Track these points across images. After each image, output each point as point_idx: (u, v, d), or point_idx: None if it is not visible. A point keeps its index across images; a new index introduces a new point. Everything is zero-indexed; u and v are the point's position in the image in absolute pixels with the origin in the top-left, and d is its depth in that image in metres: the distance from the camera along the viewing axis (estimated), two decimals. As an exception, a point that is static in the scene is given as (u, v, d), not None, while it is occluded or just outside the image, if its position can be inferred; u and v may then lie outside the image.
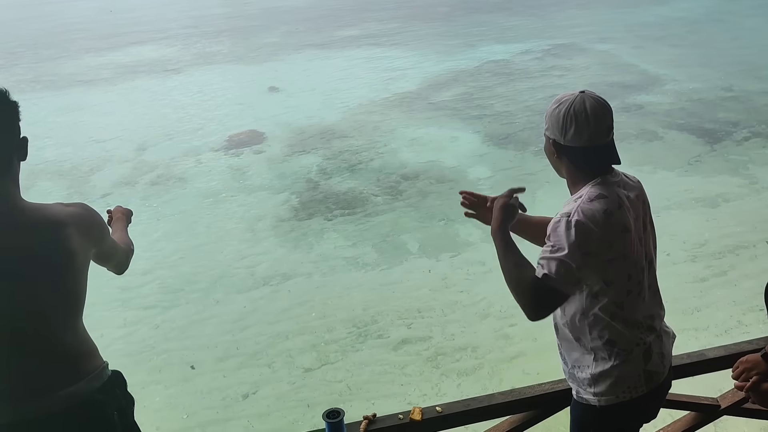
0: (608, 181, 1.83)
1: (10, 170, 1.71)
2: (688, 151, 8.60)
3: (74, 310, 1.76)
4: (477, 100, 11.32)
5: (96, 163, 9.67)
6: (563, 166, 1.88)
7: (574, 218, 1.74)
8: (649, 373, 1.89)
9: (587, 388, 1.89)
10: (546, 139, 1.90)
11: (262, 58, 15.91)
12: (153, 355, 5.34)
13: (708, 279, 5.77)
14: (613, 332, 1.85)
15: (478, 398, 1.69)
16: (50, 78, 15.31)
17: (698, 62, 12.51)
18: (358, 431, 1.98)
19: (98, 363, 1.81)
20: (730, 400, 2.29)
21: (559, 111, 1.82)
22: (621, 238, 1.80)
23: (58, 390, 1.69)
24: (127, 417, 1.85)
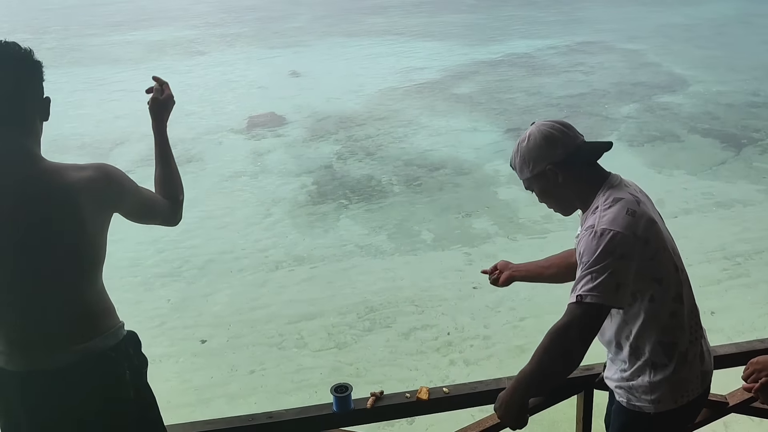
0: (614, 185, 1.82)
1: (33, 129, 1.71)
2: (711, 155, 8.49)
3: (91, 269, 1.77)
4: (499, 93, 11.25)
5: (118, 139, 9.78)
6: (570, 186, 1.83)
7: (600, 227, 1.70)
8: (705, 373, 1.89)
9: (643, 395, 1.84)
10: (539, 178, 1.83)
11: (286, 43, 15.92)
12: (164, 329, 5.42)
13: (723, 282, 5.73)
14: (673, 332, 1.82)
15: (485, 381, 1.71)
16: (77, 54, 15.47)
17: (726, 65, 12.31)
18: (365, 406, 2.01)
19: (114, 322, 1.83)
20: (738, 398, 2.29)
21: (534, 139, 1.82)
22: (653, 232, 1.77)
23: (74, 344, 1.73)
24: (140, 377, 1.87)
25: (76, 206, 1.66)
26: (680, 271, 1.85)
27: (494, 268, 2.29)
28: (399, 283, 5.96)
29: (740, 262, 6.02)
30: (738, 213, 6.98)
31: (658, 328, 1.81)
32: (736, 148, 8.68)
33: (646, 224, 1.76)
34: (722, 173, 7.95)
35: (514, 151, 1.88)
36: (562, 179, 1.81)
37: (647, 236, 1.75)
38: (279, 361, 5.01)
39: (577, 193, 1.85)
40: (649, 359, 1.82)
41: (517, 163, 1.87)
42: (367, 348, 5.09)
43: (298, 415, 2.02)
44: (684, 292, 1.84)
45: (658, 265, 1.78)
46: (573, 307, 1.67)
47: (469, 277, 5.96)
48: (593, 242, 1.69)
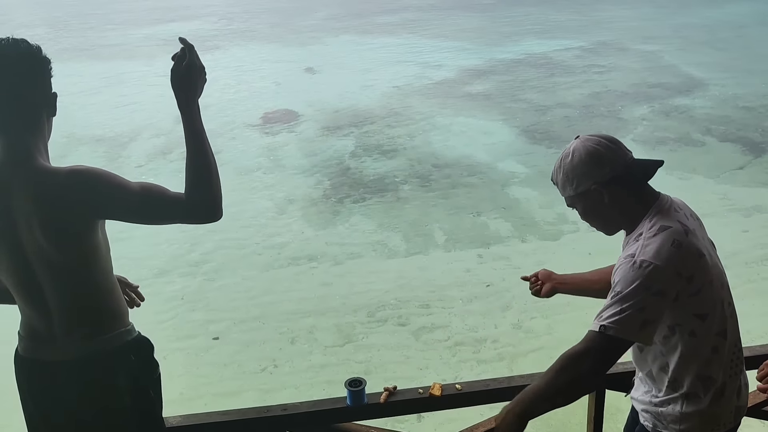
0: (664, 209, 1.72)
1: (38, 125, 1.70)
2: (728, 159, 8.40)
3: (86, 269, 1.74)
4: (514, 93, 11.22)
5: (134, 133, 9.87)
6: (617, 206, 1.73)
7: (640, 258, 1.61)
8: (739, 408, 1.83)
9: (672, 424, 1.78)
10: (584, 197, 1.74)
11: (301, 39, 15.98)
12: (177, 325, 5.47)
13: (738, 287, 5.62)
14: (713, 367, 1.75)
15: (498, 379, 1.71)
16: (95, 48, 15.62)
17: (744, 68, 12.17)
18: (379, 401, 2.03)
19: (116, 325, 1.81)
20: (751, 401, 2.27)
21: (579, 155, 1.72)
22: (699, 266, 1.68)
23: (67, 343, 1.75)
24: (138, 386, 1.83)
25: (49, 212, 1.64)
26: (726, 305, 1.78)
27: (535, 277, 2.18)
28: (411, 282, 5.97)
29: (755, 268, 5.96)
30: (755, 219, 6.91)
31: (698, 363, 1.74)
32: (754, 152, 8.58)
33: (692, 259, 1.67)
34: (739, 178, 7.87)
35: (556, 166, 1.79)
36: (608, 200, 1.72)
37: (692, 273, 1.66)
38: (290, 357, 5.04)
39: (623, 215, 1.76)
40: (686, 392, 1.76)
41: (559, 179, 1.78)
42: (377, 346, 5.11)
43: (312, 408, 2.04)
44: (729, 327, 1.77)
45: (702, 302, 1.70)
46: (593, 335, 1.61)
47: (481, 278, 5.95)
48: (631, 273, 1.61)
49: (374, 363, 4.89)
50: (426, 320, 5.39)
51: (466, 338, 5.17)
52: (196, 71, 1.70)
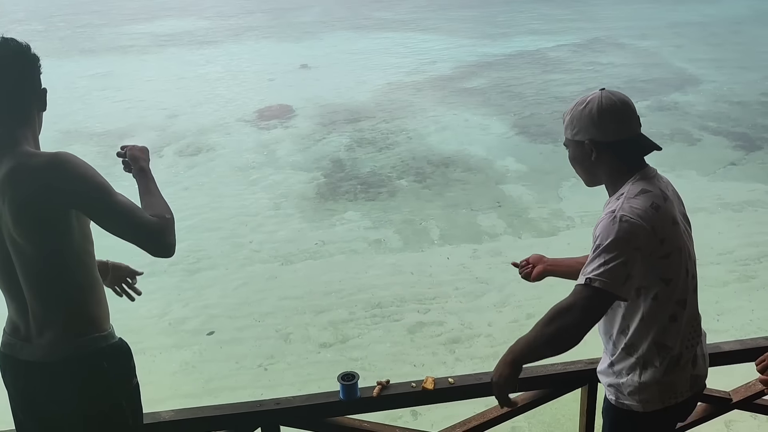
0: (648, 176, 1.79)
1: (29, 120, 1.74)
2: (722, 155, 8.43)
3: (59, 263, 1.71)
4: (509, 89, 11.22)
5: (127, 129, 9.83)
6: (603, 166, 1.80)
7: (620, 213, 1.67)
8: (695, 377, 1.88)
9: (632, 395, 1.84)
10: (575, 145, 1.81)
11: (296, 35, 15.93)
12: (172, 321, 5.45)
13: (731, 284, 5.70)
14: (671, 336, 1.80)
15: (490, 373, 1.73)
16: (88, 44, 15.54)
17: (739, 64, 12.21)
18: (372, 395, 2.03)
19: (92, 330, 1.76)
20: (742, 394, 2.29)
21: (590, 109, 1.76)
22: (672, 232, 1.75)
23: (45, 342, 1.73)
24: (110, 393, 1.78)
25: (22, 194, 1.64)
26: (690, 277, 1.83)
27: (526, 262, 2.20)
28: (406, 278, 5.97)
29: (748, 264, 5.98)
30: (748, 215, 6.94)
31: (656, 329, 1.79)
32: (748, 148, 8.61)
33: (667, 223, 1.74)
34: (733, 174, 7.90)
35: (570, 106, 1.83)
36: (595, 158, 1.78)
37: (665, 236, 1.72)
38: (285, 354, 5.03)
39: (607, 175, 1.82)
40: (640, 358, 1.81)
41: (566, 119, 1.84)
42: (372, 343, 5.11)
43: (305, 402, 2.04)
44: (689, 298, 1.82)
45: (669, 266, 1.75)
46: (580, 289, 1.65)
47: (476, 274, 5.96)
48: (611, 227, 1.66)
49: (369, 360, 4.89)
50: (421, 317, 5.40)
51: (461, 335, 5.17)
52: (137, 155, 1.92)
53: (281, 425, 2.04)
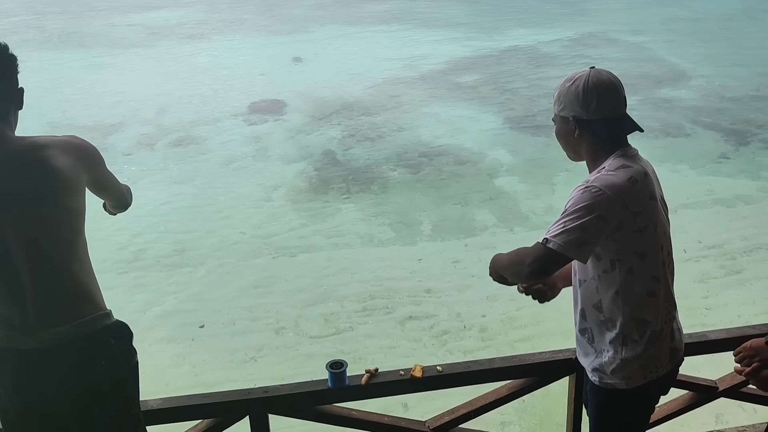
0: (629, 154, 1.83)
1: (6, 118, 1.81)
2: (713, 150, 8.47)
3: (64, 241, 1.78)
4: (501, 83, 11.22)
5: (117, 123, 9.75)
6: (584, 143, 1.84)
7: (592, 184, 1.73)
8: (674, 350, 1.92)
9: (615, 373, 1.87)
10: (561, 121, 1.86)
11: (287, 28, 15.85)
12: (163, 314, 5.44)
13: (720, 278, 5.74)
14: (649, 311, 1.83)
15: (479, 361, 1.73)
16: (78, 36, 15.40)
17: (730, 60, 12.25)
18: (360, 383, 2.03)
19: (93, 309, 1.81)
20: (728, 383, 2.31)
21: (576, 87, 1.80)
22: (649, 207, 1.79)
23: (44, 327, 1.74)
24: (119, 370, 1.84)
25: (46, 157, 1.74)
26: (665, 253, 1.87)
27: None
28: (398, 272, 5.97)
29: (737, 258, 6.02)
30: (738, 209, 6.98)
31: (633, 303, 1.82)
32: (738, 143, 8.66)
33: (643, 197, 1.77)
34: (724, 168, 7.94)
35: (560, 82, 1.88)
36: (578, 134, 1.83)
37: (640, 210, 1.76)
38: (277, 347, 5.03)
39: (588, 152, 1.86)
40: (620, 333, 1.85)
41: (555, 94, 1.89)
42: (364, 335, 5.11)
43: (294, 390, 2.04)
44: (662, 273, 1.85)
45: (644, 241, 1.79)
46: (538, 246, 1.74)
47: (468, 267, 5.97)
48: (580, 195, 1.73)
49: (360, 352, 4.89)
50: (412, 310, 5.40)
51: (452, 327, 5.19)
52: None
53: (270, 413, 2.04)
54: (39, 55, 13.79)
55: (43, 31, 15.77)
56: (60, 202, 1.76)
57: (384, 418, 2.12)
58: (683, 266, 5.72)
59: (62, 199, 1.77)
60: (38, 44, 14.58)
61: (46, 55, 13.69)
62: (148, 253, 6.38)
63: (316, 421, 2.10)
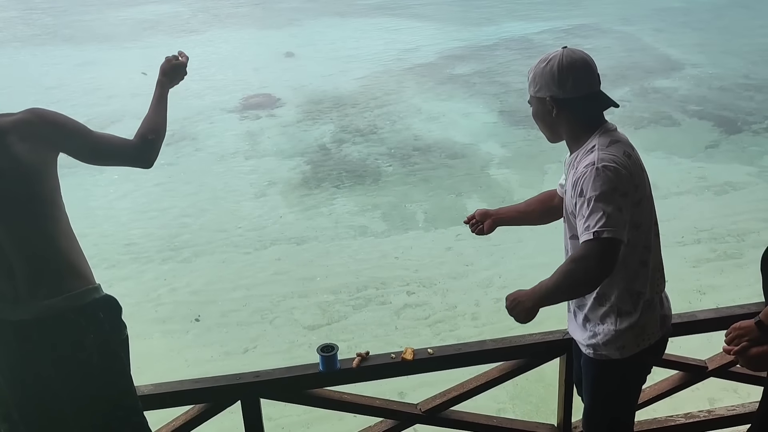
0: (610, 129, 1.85)
1: None
2: (704, 138, 8.50)
3: (43, 217, 1.78)
4: (494, 75, 11.21)
5: (110, 119, 9.70)
6: (563, 122, 1.85)
7: (601, 164, 1.72)
8: (663, 317, 1.95)
9: (609, 344, 1.88)
10: (537, 102, 1.87)
11: (280, 22, 15.79)
12: (158, 307, 5.45)
13: (713, 261, 5.78)
14: (642, 281, 1.86)
15: (469, 343, 1.74)
16: (69, 32, 15.30)
17: (721, 48, 12.28)
18: (351, 366, 2.04)
19: (82, 283, 1.82)
20: (717, 362, 2.34)
21: (551, 67, 1.81)
22: (642, 178, 1.82)
23: (33, 299, 1.76)
24: (107, 343, 1.84)
25: (4, 146, 1.70)
26: (654, 223, 1.89)
27: (472, 217, 2.24)
28: (391, 262, 5.99)
29: (730, 242, 6.06)
30: (730, 195, 7.02)
31: (627, 275, 1.84)
32: (729, 131, 8.69)
33: (638, 170, 1.81)
34: (715, 156, 7.98)
35: (534, 64, 1.88)
36: (555, 114, 1.83)
37: (638, 182, 1.79)
38: (272, 337, 5.04)
39: (568, 132, 1.88)
40: (614, 306, 1.87)
41: (529, 76, 1.89)
42: (358, 325, 5.13)
43: (285, 374, 2.05)
44: (653, 243, 1.88)
45: (640, 212, 1.81)
46: (590, 244, 1.68)
47: (461, 257, 5.99)
48: (597, 178, 1.70)
49: (355, 341, 4.90)
50: (406, 299, 5.43)
51: (446, 316, 5.21)
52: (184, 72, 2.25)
53: (261, 397, 2.04)
54: (29, 50, 13.70)
55: (33, 26, 15.67)
56: (29, 190, 1.75)
57: (375, 401, 2.13)
58: (676, 251, 5.76)
59: (30, 187, 1.75)
60: (28, 39, 14.49)
61: (36, 51, 13.60)
62: (142, 247, 6.37)
63: (307, 405, 2.12)
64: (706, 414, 2.44)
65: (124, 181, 7.54)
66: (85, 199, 7.05)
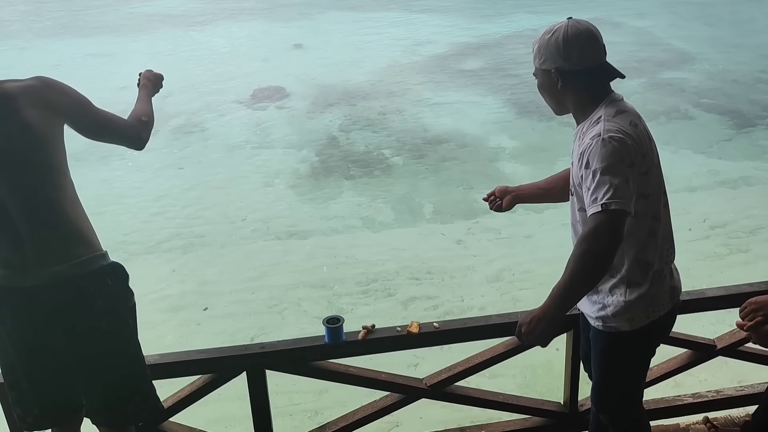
0: (616, 99, 1.83)
1: None
2: (717, 132, 8.42)
3: (51, 184, 1.79)
4: (504, 68, 11.17)
5: (120, 110, 9.73)
6: (569, 94, 1.83)
7: (607, 135, 1.70)
8: (673, 288, 1.93)
9: (618, 316, 1.86)
10: (543, 74, 1.85)
11: (289, 15, 15.81)
12: (167, 296, 5.46)
13: (725, 257, 5.72)
14: (650, 252, 1.84)
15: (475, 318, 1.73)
16: (80, 24, 15.40)
17: (735, 43, 12.16)
18: (357, 338, 2.03)
19: (89, 250, 1.83)
20: (726, 341, 2.32)
21: (556, 38, 1.79)
22: (650, 148, 1.80)
23: (43, 266, 1.77)
24: (115, 310, 1.86)
25: (14, 110, 1.71)
26: (663, 193, 1.88)
27: (493, 195, 2.23)
28: (400, 254, 5.97)
29: (741, 237, 6.00)
30: (742, 191, 6.95)
31: (636, 246, 1.82)
32: (742, 125, 8.61)
33: (645, 139, 1.79)
34: (728, 150, 7.90)
35: (539, 35, 1.87)
36: (561, 86, 1.82)
37: (645, 152, 1.77)
38: (280, 328, 5.02)
39: (574, 103, 1.86)
40: (624, 277, 1.85)
41: (534, 48, 1.87)
42: (366, 316, 5.10)
43: (291, 345, 2.04)
44: (662, 213, 1.86)
45: (648, 182, 1.79)
46: (598, 215, 1.66)
47: (470, 249, 5.96)
48: (603, 149, 1.68)
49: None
50: (415, 290, 5.41)
51: (454, 308, 5.18)
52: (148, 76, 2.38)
53: (267, 369, 2.04)
54: (40, 43, 13.80)
55: (43, 19, 15.78)
56: (36, 157, 1.76)
57: (381, 374, 2.13)
58: (688, 245, 5.70)
59: (37, 154, 1.76)
60: (39, 32, 14.58)
61: (47, 43, 13.70)
62: (150, 237, 6.40)
63: (313, 377, 2.11)
64: (714, 394, 2.42)
65: (133, 171, 7.59)
66: (94, 188, 7.09)
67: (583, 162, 1.73)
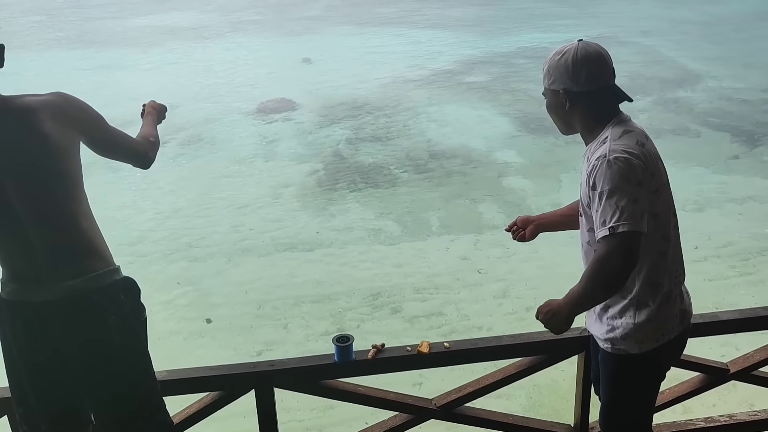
0: (624, 120, 1.84)
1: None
2: (724, 150, 8.41)
3: (67, 197, 1.80)
4: (511, 84, 11.21)
5: (129, 121, 9.81)
6: (576, 115, 1.84)
7: (612, 156, 1.70)
8: (684, 312, 1.92)
9: (627, 338, 1.86)
10: (551, 94, 1.87)
11: (298, 29, 15.94)
12: (172, 308, 5.45)
13: (731, 278, 5.67)
14: (660, 273, 1.84)
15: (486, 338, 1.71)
16: (90, 36, 15.55)
17: (742, 62, 12.18)
18: (367, 357, 2.01)
19: (103, 265, 1.84)
20: (740, 365, 2.29)
21: (565, 60, 1.80)
22: (658, 167, 1.80)
23: (57, 280, 1.77)
24: (127, 324, 1.86)
25: (34, 123, 1.73)
26: (672, 213, 1.88)
27: (515, 225, 2.22)
28: (405, 269, 5.95)
29: (749, 258, 5.95)
30: (750, 209, 6.91)
31: (647, 266, 1.82)
32: (750, 143, 8.60)
33: (653, 158, 1.79)
34: (736, 169, 7.88)
35: (550, 55, 1.88)
36: (569, 107, 1.83)
37: (653, 170, 1.77)
38: (283, 342, 5.01)
39: (581, 124, 1.87)
40: (634, 298, 1.84)
41: (544, 69, 1.89)
42: (371, 333, 5.06)
43: (300, 364, 2.03)
44: (671, 233, 1.86)
45: (658, 201, 1.79)
46: (608, 240, 1.67)
47: (476, 265, 5.94)
48: (608, 171, 1.68)
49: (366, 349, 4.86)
50: (421, 307, 5.37)
51: (460, 326, 5.13)
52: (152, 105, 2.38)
53: (275, 387, 2.03)
54: (51, 54, 13.93)
55: (55, 30, 15.95)
56: (53, 169, 1.77)
57: (390, 394, 2.11)
58: (694, 266, 5.64)
59: (55, 166, 1.77)
60: (51, 43, 14.73)
61: (58, 54, 13.83)
62: (156, 248, 6.40)
63: (321, 396, 2.09)
64: (727, 419, 2.38)
65: (140, 181, 7.61)
66: (101, 198, 7.11)
67: (590, 183, 1.74)
